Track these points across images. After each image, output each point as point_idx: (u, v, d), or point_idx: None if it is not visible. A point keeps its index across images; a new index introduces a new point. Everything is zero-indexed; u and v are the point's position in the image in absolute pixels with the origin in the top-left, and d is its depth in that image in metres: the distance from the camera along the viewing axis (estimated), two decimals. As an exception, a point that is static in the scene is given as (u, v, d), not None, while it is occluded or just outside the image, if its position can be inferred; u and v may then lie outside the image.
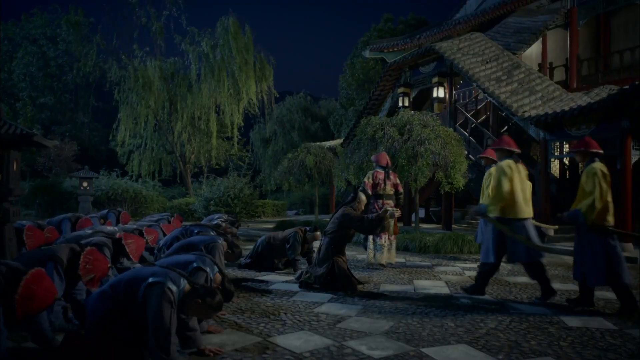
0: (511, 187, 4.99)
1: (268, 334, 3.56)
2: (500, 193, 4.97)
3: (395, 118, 9.65)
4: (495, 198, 5.01)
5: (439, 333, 3.68)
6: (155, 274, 2.76)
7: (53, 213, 16.23)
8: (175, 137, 18.46)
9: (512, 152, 5.20)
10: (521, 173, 5.19)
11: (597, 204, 4.47)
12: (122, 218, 9.76)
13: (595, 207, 4.47)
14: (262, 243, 6.50)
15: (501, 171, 5.05)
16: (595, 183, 4.52)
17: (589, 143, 4.76)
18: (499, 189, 4.98)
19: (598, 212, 4.48)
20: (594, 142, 4.81)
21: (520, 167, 5.22)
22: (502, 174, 5.01)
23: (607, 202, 4.53)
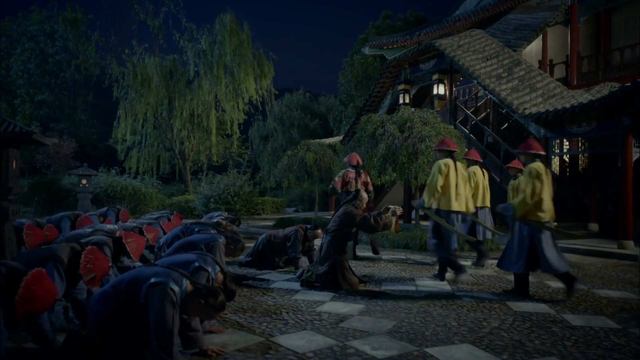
0: (445, 183, 5.66)
1: (270, 333, 3.54)
2: (433, 187, 5.66)
3: (396, 115, 9.62)
4: (429, 192, 5.69)
5: (442, 332, 3.66)
6: (157, 274, 2.73)
7: (52, 210, 16.18)
8: (174, 134, 18.40)
9: (452, 151, 5.93)
10: (458, 171, 5.87)
11: (528, 200, 4.92)
12: (122, 216, 9.70)
13: (527, 202, 4.93)
14: (262, 241, 6.47)
15: (437, 168, 5.76)
16: (528, 182, 4.95)
17: (531, 145, 5.22)
18: (432, 184, 5.71)
19: (529, 207, 4.94)
20: (535, 144, 5.27)
21: (459, 165, 5.94)
22: (438, 171, 5.73)
23: (541, 199, 4.96)
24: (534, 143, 5.26)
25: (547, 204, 5.02)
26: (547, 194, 5.02)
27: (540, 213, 4.97)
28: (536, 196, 4.94)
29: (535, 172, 4.96)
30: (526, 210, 4.96)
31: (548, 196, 5.04)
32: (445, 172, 5.72)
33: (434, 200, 5.68)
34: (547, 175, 5.07)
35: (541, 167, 5.05)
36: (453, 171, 5.78)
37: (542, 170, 5.00)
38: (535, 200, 4.94)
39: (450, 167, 5.77)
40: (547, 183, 5.05)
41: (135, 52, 18.65)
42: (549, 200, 5.05)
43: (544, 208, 4.99)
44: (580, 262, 7.83)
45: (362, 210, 5.54)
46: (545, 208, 5.01)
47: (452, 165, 5.80)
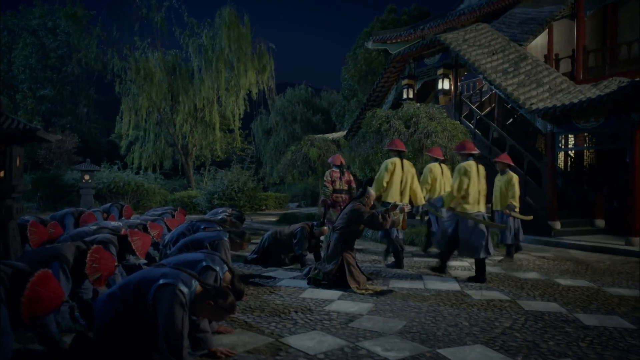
0: (389, 179, 6.50)
1: (279, 334, 3.48)
2: (379, 182, 6.50)
3: (401, 110, 9.53)
4: (376, 184, 6.54)
5: (454, 333, 3.60)
6: (165, 275, 2.67)
7: (54, 206, 16.14)
8: (177, 130, 18.30)
9: (400, 151, 6.76)
10: (404, 169, 6.63)
11: (455, 193, 5.72)
12: (125, 212, 9.66)
13: (454, 195, 5.72)
14: (268, 238, 6.41)
15: (385, 166, 6.56)
16: (456, 177, 5.77)
17: (465, 146, 6.07)
18: (379, 179, 6.55)
19: (455, 200, 5.71)
20: (469, 144, 6.09)
21: (406, 163, 6.72)
22: (385, 169, 6.53)
23: (467, 193, 5.68)
24: (468, 144, 6.09)
25: (473, 197, 5.72)
26: (474, 188, 5.73)
27: (466, 205, 5.69)
28: (462, 190, 5.68)
29: (464, 170, 5.72)
30: (454, 202, 5.71)
31: (475, 191, 5.75)
32: (392, 169, 6.53)
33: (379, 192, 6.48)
34: (477, 172, 5.79)
35: (471, 165, 5.78)
36: (399, 169, 6.56)
37: (470, 168, 5.73)
38: (462, 194, 5.68)
39: (397, 165, 6.57)
40: (476, 179, 5.76)
41: (137, 47, 18.54)
42: (475, 194, 5.74)
43: (469, 201, 5.70)
44: (588, 258, 7.76)
45: (369, 207, 5.46)
46: (471, 201, 5.71)
47: (399, 164, 6.60)
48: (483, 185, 5.89)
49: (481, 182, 5.86)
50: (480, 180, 5.84)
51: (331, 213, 8.11)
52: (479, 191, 5.80)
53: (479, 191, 5.80)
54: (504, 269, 6.49)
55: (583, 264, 7.07)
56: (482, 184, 5.87)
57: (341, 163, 8.40)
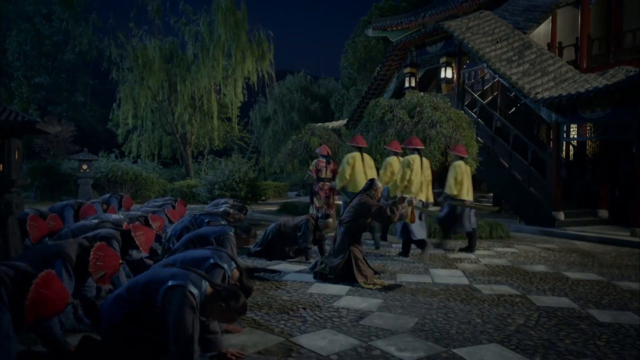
0: (351, 171, 7.48)
1: (290, 333, 3.39)
2: (343, 174, 7.55)
3: (405, 100, 9.39)
4: (339, 177, 7.58)
5: (467, 331, 3.52)
6: (175, 276, 2.56)
7: (52, 196, 16.01)
8: (175, 118, 18.07)
9: (360, 147, 7.72)
10: (364, 161, 7.64)
11: (399, 183, 6.55)
12: (125, 202, 9.53)
13: (397, 185, 6.57)
14: (272, 231, 6.30)
15: (346, 160, 7.62)
16: (401, 169, 6.62)
17: (412, 142, 6.89)
18: (341, 172, 7.59)
19: (400, 188, 6.51)
20: (416, 140, 6.94)
21: (365, 157, 7.76)
22: (346, 162, 7.57)
23: (411, 183, 6.53)
24: (415, 140, 6.95)
25: (415, 187, 6.55)
26: (416, 179, 6.56)
27: (408, 194, 6.38)
28: (405, 181, 6.52)
29: (407, 162, 6.57)
30: (398, 191, 6.47)
31: (418, 181, 6.57)
32: (352, 163, 7.50)
33: (343, 184, 7.55)
34: (420, 165, 6.62)
35: (415, 159, 6.62)
36: (359, 162, 7.55)
37: (414, 161, 6.57)
38: (405, 184, 6.52)
39: (357, 159, 7.54)
40: (419, 171, 6.58)
41: (134, 35, 18.22)
42: (418, 184, 6.57)
43: (412, 190, 6.52)
44: (594, 250, 7.71)
45: (376, 200, 5.35)
46: (414, 190, 6.53)
47: (359, 158, 7.58)
48: (427, 177, 6.73)
49: (425, 173, 6.70)
50: (423, 171, 6.66)
51: (315, 200, 8.90)
52: (422, 182, 6.62)
53: (422, 182, 6.62)
54: (511, 262, 6.41)
55: (589, 256, 7.01)
56: (425, 175, 6.69)
57: (327, 153, 9.13)
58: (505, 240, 8.63)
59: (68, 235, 4.79)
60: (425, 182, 6.69)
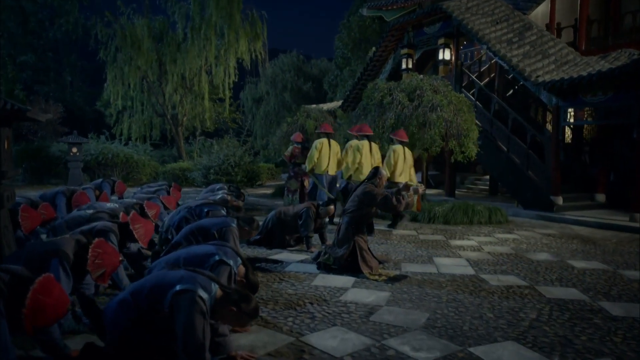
0: (319, 155, 8.14)
1: (299, 331, 3.27)
2: (311, 158, 8.16)
3: (404, 83, 9.19)
4: (308, 160, 8.22)
5: (481, 327, 3.42)
6: (182, 280, 2.40)
7: (41, 179, 15.68)
8: (166, 99, 17.65)
9: (328, 133, 8.44)
10: (331, 146, 8.30)
11: (350, 166, 7.41)
12: (117, 187, 9.32)
13: (349, 168, 7.43)
14: (272, 219, 6.15)
15: (314, 146, 8.23)
16: (351, 154, 7.45)
17: (362, 128, 7.70)
18: (310, 156, 8.22)
19: (351, 172, 7.45)
20: (366, 127, 7.78)
21: (333, 143, 8.37)
22: (314, 148, 8.19)
23: (361, 165, 7.33)
24: (365, 127, 7.79)
25: (365, 169, 7.20)
26: (366, 162, 7.36)
27: (360, 175, 7.23)
28: (356, 164, 7.37)
29: (357, 147, 7.42)
30: (349, 173, 7.40)
31: (368, 164, 7.35)
32: (320, 148, 8.19)
33: (311, 166, 8.22)
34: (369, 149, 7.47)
35: (364, 144, 7.45)
36: (326, 147, 8.23)
37: (363, 147, 7.40)
38: (355, 167, 7.35)
39: (324, 144, 8.22)
40: (368, 155, 7.41)
41: (122, 13, 17.64)
42: (368, 166, 7.23)
43: (363, 172, 7.23)
44: (593, 235, 7.68)
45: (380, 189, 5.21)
46: (364, 172, 7.18)
47: (326, 143, 8.24)
48: (376, 160, 7.54)
49: (374, 157, 7.51)
50: (373, 155, 7.49)
51: (291, 182, 9.38)
52: (371, 164, 7.37)
53: (371, 164, 7.37)
54: (514, 249, 6.35)
55: (590, 243, 6.97)
56: (374, 159, 7.51)
57: (302, 139, 9.83)
58: (504, 225, 8.58)
59: (62, 226, 4.61)
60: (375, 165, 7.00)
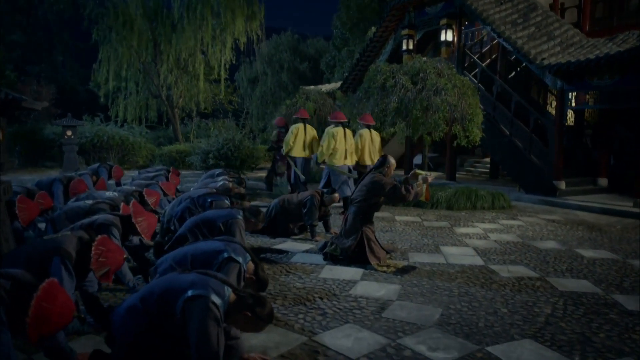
0: (294, 139, 8.57)
1: (311, 329, 3.17)
2: (287, 141, 8.63)
3: (407, 65, 8.97)
4: (285, 144, 8.71)
5: (496, 324, 3.34)
6: (194, 285, 2.28)
7: (35, 162, 15.42)
8: (161, 80, 17.29)
9: (304, 119, 8.84)
10: (306, 131, 8.69)
11: (324, 151, 7.78)
12: (115, 172, 9.14)
13: (323, 152, 7.81)
14: (275, 207, 6.02)
15: (290, 130, 8.71)
16: (326, 139, 7.80)
17: (337, 116, 8.02)
18: (286, 140, 8.68)
19: (325, 155, 7.82)
20: (339, 114, 8.10)
21: (308, 128, 8.77)
22: (291, 132, 8.66)
23: (335, 150, 7.72)
24: (339, 114, 8.12)
25: (340, 154, 7.74)
26: (340, 147, 7.75)
27: (334, 160, 7.74)
28: (330, 149, 7.71)
29: (332, 133, 7.75)
30: (324, 157, 7.82)
31: (342, 149, 7.76)
32: (296, 132, 8.61)
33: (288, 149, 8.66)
34: (343, 135, 7.83)
35: (339, 130, 7.80)
36: (302, 132, 8.62)
37: (337, 133, 7.76)
38: (330, 152, 7.73)
39: (300, 129, 8.63)
40: (342, 141, 7.78)
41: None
42: (342, 151, 7.76)
43: (337, 157, 7.74)
44: (597, 221, 7.62)
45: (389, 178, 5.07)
46: (338, 157, 7.74)
47: (302, 128, 8.65)
48: (350, 145, 7.92)
49: (347, 142, 7.88)
50: (347, 141, 7.86)
51: (279, 166, 9.89)
52: (345, 149, 7.82)
53: (345, 149, 7.82)
54: (520, 237, 6.27)
55: (596, 229, 6.91)
56: (348, 144, 7.88)
57: (285, 124, 10.32)
58: (507, 210, 8.50)
59: (61, 217, 4.46)
60: (349, 150, 7.89)
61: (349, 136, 7.95)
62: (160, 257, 4.75)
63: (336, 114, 8.08)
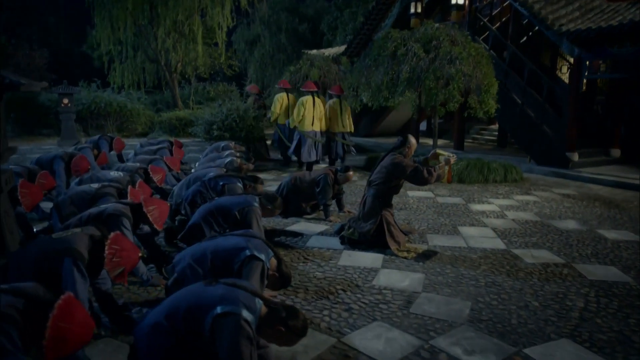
0: (279, 108, 9.56)
1: (338, 329, 3.02)
2: (273, 111, 9.62)
3: (419, 32, 8.55)
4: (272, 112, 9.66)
5: (530, 320, 3.20)
6: (224, 300, 2.09)
7: (31, 129, 15.04)
8: (158, 45, 16.67)
9: (287, 89, 9.78)
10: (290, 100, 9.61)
11: (295, 117, 8.71)
12: (116, 144, 8.87)
13: (294, 119, 8.74)
14: (287, 185, 5.79)
15: (275, 99, 9.67)
16: (297, 106, 8.73)
17: (308, 85, 8.99)
18: (273, 108, 9.66)
19: (296, 121, 8.73)
20: (310, 84, 9.05)
21: (290, 97, 9.69)
22: (276, 100, 9.63)
23: (304, 117, 8.65)
24: (309, 83, 9.09)
25: (308, 121, 8.66)
26: (309, 115, 8.65)
27: (303, 126, 8.66)
28: (300, 116, 8.61)
29: (302, 101, 8.68)
30: (295, 124, 8.71)
31: (310, 116, 8.66)
32: (280, 101, 9.57)
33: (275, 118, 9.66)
34: (312, 103, 8.70)
35: (308, 99, 8.70)
36: (286, 101, 9.60)
37: (307, 101, 8.65)
38: (300, 119, 8.61)
39: (284, 98, 9.63)
40: (311, 109, 8.67)
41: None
42: (310, 118, 8.67)
43: (306, 123, 8.66)
44: (612, 196, 7.46)
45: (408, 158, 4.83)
46: (307, 123, 8.67)
47: (285, 97, 9.63)
48: (318, 113, 8.75)
49: (316, 110, 8.71)
50: (315, 109, 8.68)
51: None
52: (314, 116, 8.67)
53: (314, 116, 8.67)
54: (538, 215, 6.10)
55: (613, 206, 6.75)
56: (317, 112, 8.72)
57: (259, 91, 11.46)
58: (520, 184, 8.32)
59: (67, 202, 4.23)
60: (317, 117, 8.74)
61: (318, 104, 8.82)
62: (170, 242, 4.62)
63: (307, 84, 9.07)
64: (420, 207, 6.44)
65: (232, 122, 8.87)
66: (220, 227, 3.86)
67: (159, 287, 3.54)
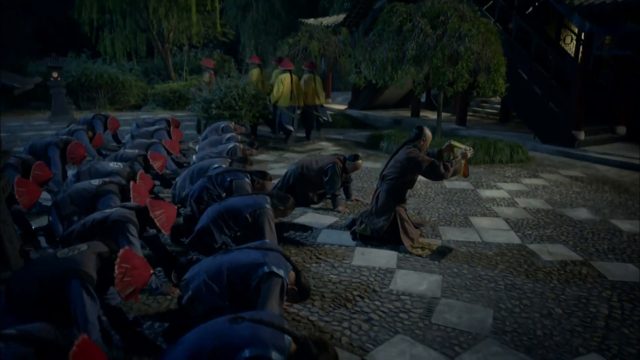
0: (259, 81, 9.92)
1: (360, 344, 2.91)
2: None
3: (425, 6, 8.17)
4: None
5: (555, 331, 3.10)
6: (252, 342, 1.94)
7: (20, 103, 14.54)
8: (150, 13, 16.01)
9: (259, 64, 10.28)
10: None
11: (275, 94, 9.16)
12: (110, 124, 8.59)
13: (274, 96, 9.18)
14: (293, 174, 5.59)
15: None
16: (276, 83, 9.15)
17: (284, 63, 9.37)
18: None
19: (277, 97, 9.14)
20: (287, 62, 9.44)
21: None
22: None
23: (283, 93, 9.06)
24: (286, 62, 9.44)
25: (285, 96, 9.07)
26: (286, 91, 9.05)
27: (282, 102, 9.13)
28: (279, 93, 9.03)
29: (281, 80, 9.03)
30: (275, 100, 9.17)
31: (287, 92, 9.06)
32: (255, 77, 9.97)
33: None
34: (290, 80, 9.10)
35: (286, 76, 9.06)
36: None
37: (284, 78, 9.02)
38: (279, 95, 9.05)
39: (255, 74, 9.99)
40: (289, 85, 9.06)
41: None
42: (288, 94, 9.06)
43: (283, 99, 9.08)
44: (620, 178, 7.37)
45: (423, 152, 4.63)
46: (284, 98, 9.09)
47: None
48: (296, 89, 9.16)
49: (294, 86, 9.13)
50: (293, 86, 9.11)
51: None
52: (291, 92, 9.08)
53: (291, 92, 9.08)
54: (549, 202, 5.98)
55: (623, 190, 6.65)
56: (295, 88, 9.13)
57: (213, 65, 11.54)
58: (526, 164, 8.18)
59: (66, 201, 4.03)
60: (295, 93, 9.17)
61: (295, 81, 9.26)
62: (176, 240, 4.45)
63: (284, 63, 9.44)
64: (429, 193, 6.29)
65: (232, 100, 8.56)
66: (230, 230, 3.70)
67: (169, 295, 3.39)
